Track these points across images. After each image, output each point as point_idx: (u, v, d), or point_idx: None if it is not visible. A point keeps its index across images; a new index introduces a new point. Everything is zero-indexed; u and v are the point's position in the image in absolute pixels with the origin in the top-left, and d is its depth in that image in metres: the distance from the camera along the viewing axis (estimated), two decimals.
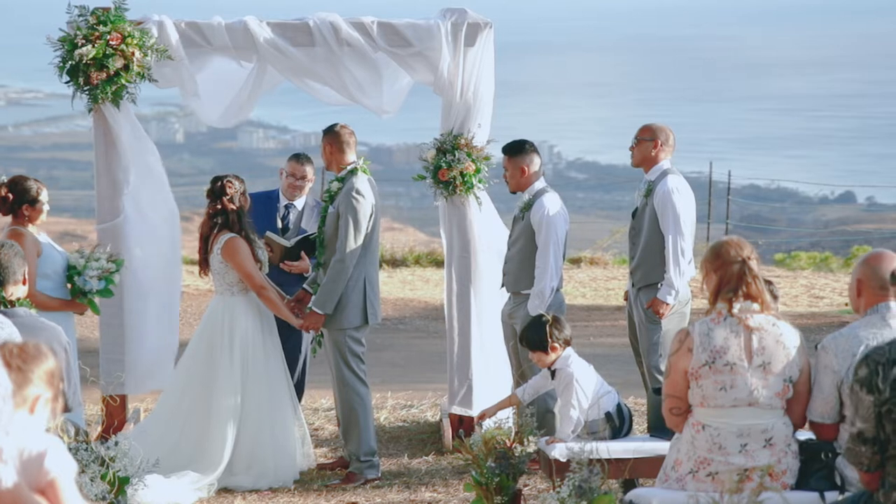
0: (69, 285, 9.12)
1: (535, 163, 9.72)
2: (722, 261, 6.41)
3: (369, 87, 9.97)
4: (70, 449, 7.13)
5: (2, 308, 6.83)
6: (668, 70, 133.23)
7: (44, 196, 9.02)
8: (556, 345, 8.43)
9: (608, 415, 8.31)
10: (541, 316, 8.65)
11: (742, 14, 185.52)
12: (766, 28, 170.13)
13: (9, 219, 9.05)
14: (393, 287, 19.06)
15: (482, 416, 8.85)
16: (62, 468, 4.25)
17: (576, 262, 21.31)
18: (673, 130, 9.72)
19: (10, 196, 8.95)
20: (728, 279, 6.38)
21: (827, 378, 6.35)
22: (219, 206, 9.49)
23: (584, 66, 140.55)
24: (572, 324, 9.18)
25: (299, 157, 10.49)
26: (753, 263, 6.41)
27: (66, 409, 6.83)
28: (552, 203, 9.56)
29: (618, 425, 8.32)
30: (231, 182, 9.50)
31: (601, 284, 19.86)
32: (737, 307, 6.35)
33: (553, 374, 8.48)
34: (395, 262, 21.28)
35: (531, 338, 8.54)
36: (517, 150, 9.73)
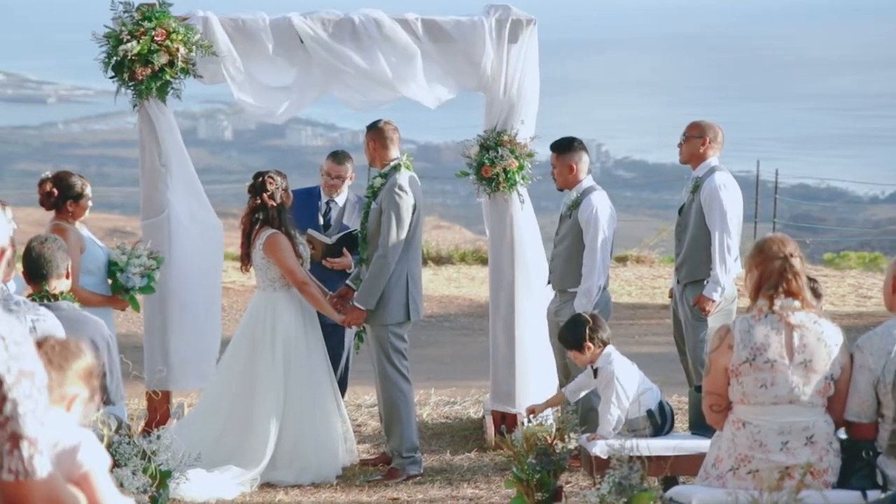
0: (110, 281, 9.16)
1: (584, 160, 9.68)
2: (764, 256, 6.36)
3: (411, 79, 9.91)
4: (112, 442, 7.17)
5: (45, 301, 6.87)
6: (716, 69, 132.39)
7: (88, 192, 9.04)
8: (592, 344, 8.36)
9: (650, 412, 8.25)
10: (579, 315, 8.60)
11: (791, 12, 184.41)
12: (815, 26, 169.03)
13: (51, 214, 9.08)
14: (438, 284, 19.03)
15: (531, 411, 8.81)
16: (96, 461, 4.26)
17: (621, 260, 21.19)
18: (722, 128, 9.69)
19: (55, 191, 8.97)
20: (769, 275, 6.32)
21: (863, 377, 6.29)
22: (259, 202, 9.51)
23: (631, 64, 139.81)
24: (617, 322, 9.12)
25: (336, 156, 10.47)
26: (796, 261, 6.35)
27: (109, 402, 6.88)
28: (600, 201, 9.53)
29: (659, 423, 8.26)
30: (273, 178, 9.50)
31: (647, 283, 19.75)
32: (777, 304, 6.30)
33: (595, 372, 8.44)
34: (441, 260, 21.21)
35: (567, 336, 8.49)
36: (566, 147, 9.69)
